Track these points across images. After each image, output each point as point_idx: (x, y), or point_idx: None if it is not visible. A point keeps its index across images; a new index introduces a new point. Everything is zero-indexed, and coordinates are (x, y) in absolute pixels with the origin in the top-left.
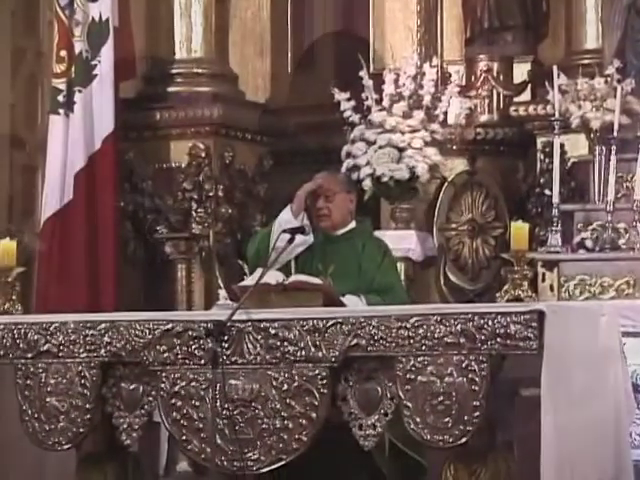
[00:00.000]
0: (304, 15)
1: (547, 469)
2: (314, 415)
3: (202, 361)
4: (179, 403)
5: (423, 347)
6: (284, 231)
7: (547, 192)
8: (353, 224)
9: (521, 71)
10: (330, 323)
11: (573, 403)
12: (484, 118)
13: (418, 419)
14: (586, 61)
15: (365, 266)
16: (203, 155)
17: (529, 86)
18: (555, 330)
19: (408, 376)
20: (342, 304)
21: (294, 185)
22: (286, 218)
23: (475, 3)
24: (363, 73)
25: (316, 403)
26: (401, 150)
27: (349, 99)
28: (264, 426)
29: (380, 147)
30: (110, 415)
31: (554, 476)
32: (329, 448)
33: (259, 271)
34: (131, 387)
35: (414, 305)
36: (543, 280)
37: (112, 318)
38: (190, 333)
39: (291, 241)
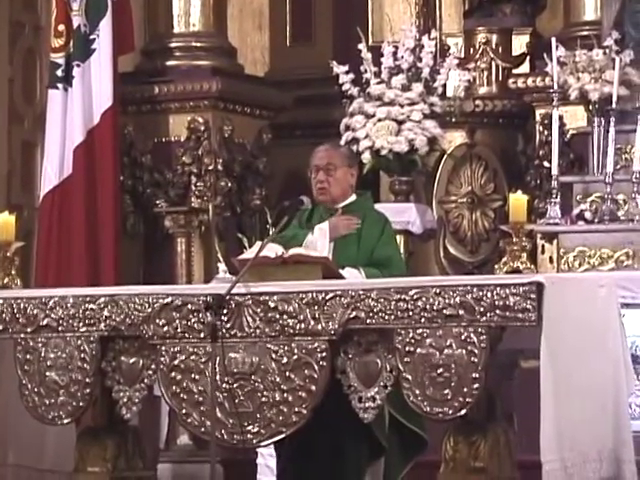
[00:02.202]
0: None
1: (546, 440)
2: (313, 388)
3: (202, 334)
4: (179, 377)
5: (422, 319)
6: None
7: (546, 164)
8: (353, 197)
9: (520, 43)
10: (329, 296)
11: (572, 374)
12: (483, 90)
13: (417, 391)
14: (584, 33)
15: (365, 239)
16: (202, 129)
17: (528, 58)
18: (554, 302)
19: (407, 348)
20: (341, 277)
21: (293, 158)
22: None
23: None
24: (362, 46)
25: (315, 376)
26: (400, 123)
27: (348, 72)
28: (264, 399)
29: (379, 120)
30: (110, 389)
31: (554, 447)
32: (328, 421)
33: (258, 244)
34: (131, 361)
35: (413, 277)
36: (542, 252)
37: (111, 292)
38: (189, 307)
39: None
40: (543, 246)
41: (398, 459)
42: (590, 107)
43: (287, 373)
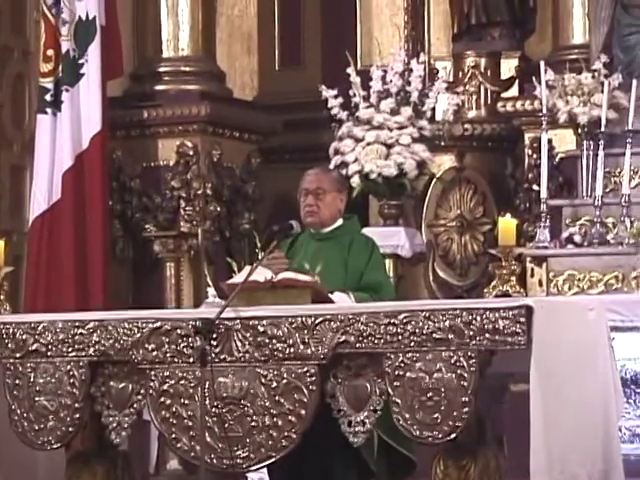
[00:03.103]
0: (291, 12)
1: (536, 464)
2: (303, 412)
3: (191, 359)
4: (168, 401)
5: (412, 343)
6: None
7: (535, 187)
8: (340, 221)
9: (508, 67)
10: (319, 320)
11: (562, 397)
12: (472, 114)
13: (407, 415)
14: (573, 56)
15: (352, 263)
16: (191, 153)
17: (516, 82)
18: (543, 325)
19: (397, 372)
20: (331, 301)
21: (282, 182)
22: None
23: None
24: (350, 70)
25: (305, 400)
26: (389, 147)
27: (337, 96)
28: (253, 424)
29: (368, 144)
30: (99, 414)
31: (544, 471)
32: (318, 445)
33: (247, 269)
34: (120, 386)
35: (402, 301)
36: (532, 275)
37: (100, 317)
38: (179, 331)
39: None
40: (532, 269)
41: None
42: (579, 130)
43: (277, 397)
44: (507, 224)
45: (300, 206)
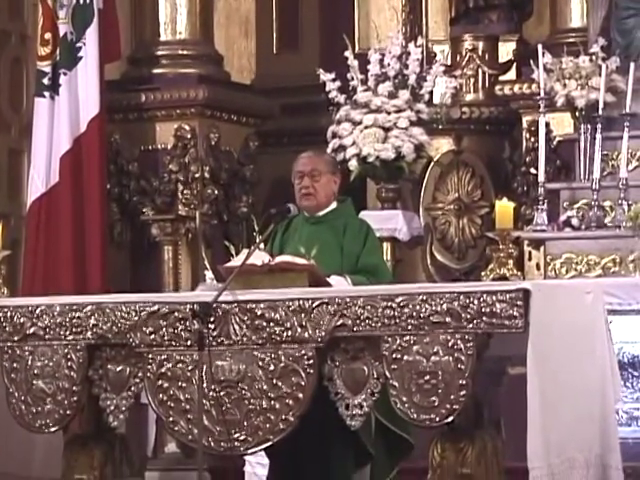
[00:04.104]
0: None
1: (533, 447)
2: (300, 395)
3: (188, 342)
4: (166, 384)
5: (409, 326)
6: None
7: (533, 171)
8: (334, 205)
9: (506, 50)
10: (316, 303)
11: (559, 381)
12: (469, 97)
13: (405, 398)
14: (571, 39)
15: (348, 247)
16: (189, 137)
17: (514, 65)
18: (540, 308)
19: (394, 355)
20: (328, 284)
21: (280, 166)
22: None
23: None
24: (348, 53)
25: (302, 383)
26: (387, 130)
27: (334, 79)
28: (251, 407)
29: (366, 127)
30: (97, 397)
31: (540, 454)
32: (315, 428)
33: (245, 252)
34: (118, 369)
35: (400, 285)
36: (530, 259)
37: (98, 300)
38: (176, 315)
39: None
40: (530, 253)
41: (384, 463)
42: (577, 114)
43: (274, 380)
44: (504, 207)
45: (295, 189)
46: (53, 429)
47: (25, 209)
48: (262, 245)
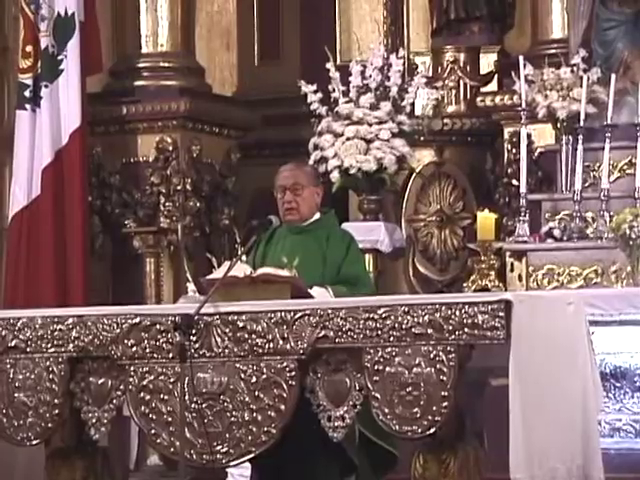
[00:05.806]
0: (270, 8)
1: (515, 458)
2: (283, 407)
3: (170, 355)
4: (148, 397)
5: (391, 338)
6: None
7: (514, 182)
8: (317, 216)
9: (487, 61)
10: (298, 315)
11: (541, 392)
12: (451, 109)
13: (387, 410)
14: (552, 51)
15: (330, 257)
16: (170, 149)
17: (496, 76)
18: (522, 319)
19: (376, 367)
20: (310, 296)
21: (262, 178)
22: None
23: None
24: (330, 65)
25: (285, 395)
26: (368, 142)
27: (316, 91)
28: (233, 419)
29: (347, 139)
30: (79, 410)
31: (523, 465)
32: (299, 440)
33: (226, 264)
34: (99, 381)
35: (382, 296)
36: (512, 270)
37: (80, 313)
38: (158, 327)
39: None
40: (512, 264)
41: (369, 476)
42: (558, 125)
43: (256, 393)
44: (486, 219)
45: (278, 203)
46: (35, 442)
47: (7, 222)
48: (244, 257)
